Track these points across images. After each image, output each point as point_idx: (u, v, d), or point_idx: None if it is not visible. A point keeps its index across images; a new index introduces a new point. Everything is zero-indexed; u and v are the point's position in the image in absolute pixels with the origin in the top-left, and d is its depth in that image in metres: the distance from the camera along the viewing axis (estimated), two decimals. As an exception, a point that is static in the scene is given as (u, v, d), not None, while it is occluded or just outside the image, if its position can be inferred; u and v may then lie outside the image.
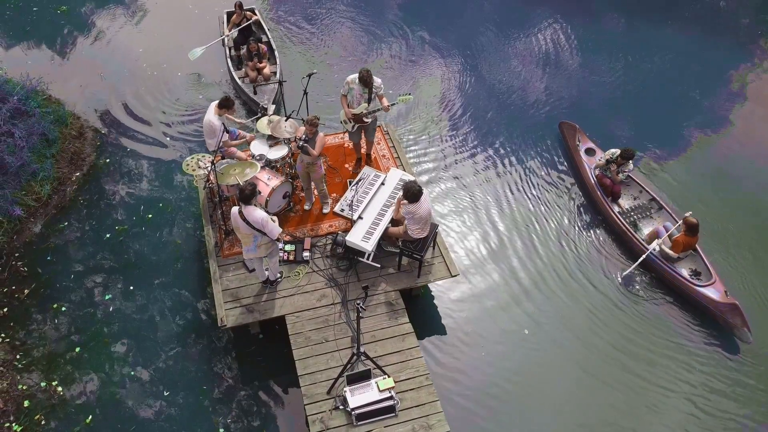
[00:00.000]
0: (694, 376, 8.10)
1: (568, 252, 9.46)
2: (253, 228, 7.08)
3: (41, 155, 10.09)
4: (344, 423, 6.92)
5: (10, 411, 7.63)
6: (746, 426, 7.65)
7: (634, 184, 9.92)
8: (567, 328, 8.57)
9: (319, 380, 7.26)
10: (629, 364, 8.21)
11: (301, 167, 8.34)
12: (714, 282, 8.50)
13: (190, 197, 10.00)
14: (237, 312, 7.79)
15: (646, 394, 7.94)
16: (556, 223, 9.87)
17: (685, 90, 12.30)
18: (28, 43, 12.96)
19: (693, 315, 8.68)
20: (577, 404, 7.87)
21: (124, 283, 8.96)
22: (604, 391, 7.97)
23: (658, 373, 8.13)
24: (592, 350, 8.34)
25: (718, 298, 8.33)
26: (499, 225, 9.83)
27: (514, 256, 9.42)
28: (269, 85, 11.41)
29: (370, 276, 8.20)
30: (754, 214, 9.99)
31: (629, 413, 7.77)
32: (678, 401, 7.88)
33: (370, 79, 8.32)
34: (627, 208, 9.77)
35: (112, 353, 8.23)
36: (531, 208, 10.09)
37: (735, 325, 8.20)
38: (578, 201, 10.20)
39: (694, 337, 8.48)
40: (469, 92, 12.15)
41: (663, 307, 8.81)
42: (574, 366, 8.21)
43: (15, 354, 8.16)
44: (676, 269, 8.73)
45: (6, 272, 8.97)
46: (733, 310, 8.20)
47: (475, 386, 7.99)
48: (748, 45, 13.51)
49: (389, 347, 7.58)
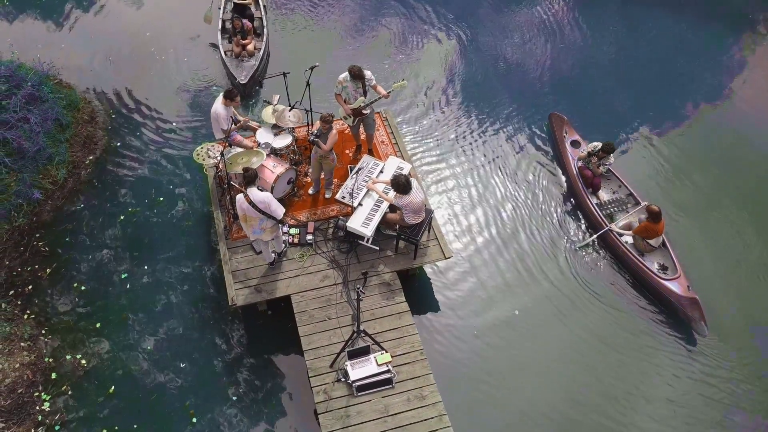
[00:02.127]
0: (655, 360, 8.74)
1: (549, 239, 9.99)
2: (260, 211, 7.63)
3: (56, 140, 10.57)
4: (346, 394, 7.61)
5: (39, 382, 8.32)
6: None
7: (615, 178, 10.33)
8: (549, 310, 9.19)
9: (323, 355, 7.92)
10: (599, 343, 8.88)
11: (314, 157, 8.86)
12: (678, 276, 9.00)
13: (198, 181, 10.52)
14: (246, 292, 8.41)
15: (612, 366, 8.68)
16: (541, 211, 10.36)
17: (682, 70, 12.72)
18: (37, 26, 13.27)
19: (657, 306, 9.22)
20: (557, 375, 8.59)
21: (138, 262, 9.56)
22: (579, 364, 8.69)
23: (623, 351, 8.80)
24: (572, 330, 8.99)
25: (680, 291, 8.84)
26: (489, 211, 10.35)
27: (502, 241, 9.98)
28: (249, 61, 11.99)
29: (369, 258, 8.80)
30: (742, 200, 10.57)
31: (599, 381, 8.56)
32: (637, 375, 8.63)
33: (361, 74, 8.78)
34: (605, 201, 10.17)
35: (130, 328, 8.88)
36: (519, 195, 10.57)
37: (693, 318, 8.72)
38: (561, 190, 10.69)
39: (656, 327, 9.04)
40: (463, 78, 12.54)
41: (630, 295, 9.37)
42: (556, 343, 8.87)
43: (40, 329, 8.81)
44: (646, 263, 9.24)
45: (28, 252, 9.57)
46: (692, 304, 8.72)
47: (465, 360, 8.66)
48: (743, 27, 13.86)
49: (387, 325, 8.22)
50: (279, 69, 9.55)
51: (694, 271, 9.42)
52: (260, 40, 12.38)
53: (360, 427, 7.37)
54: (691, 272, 9.33)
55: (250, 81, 11.65)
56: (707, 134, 11.62)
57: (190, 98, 11.92)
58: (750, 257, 9.81)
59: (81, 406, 8.15)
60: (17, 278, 9.26)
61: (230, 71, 11.76)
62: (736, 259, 9.78)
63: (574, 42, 13.35)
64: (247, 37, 12.11)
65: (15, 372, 8.26)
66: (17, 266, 9.38)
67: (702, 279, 9.39)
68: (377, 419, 7.44)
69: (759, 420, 8.23)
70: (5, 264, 9.34)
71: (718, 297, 9.29)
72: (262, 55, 12.06)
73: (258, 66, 11.85)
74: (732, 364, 8.69)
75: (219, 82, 12.07)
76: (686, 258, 9.54)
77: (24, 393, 8.14)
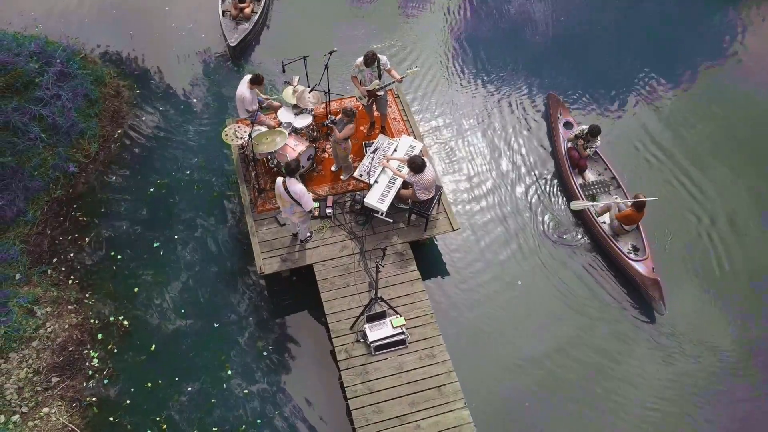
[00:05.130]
0: (620, 327, 9.65)
1: (540, 216, 10.75)
2: (292, 198, 8.41)
3: (86, 115, 11.21)
4: (364, 353, 8.54)
5: (87, 341, 9.23)
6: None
7: (602, 161, 10.95)
8: (541, 282, 10.08)
9: (343, 318, 8.82)
10: (571, 310, 9.79)
11: (332, 140, 9.59)
12: (646, 258, 9.73)
13: (222, 154, 11.21)
14: (272, 261, 9.25)
15: (586, 328, 9.62)
16: (533, 190, 11.07)
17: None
18: (58, 2, 13.67)
19: (626, 284, 9.99)
20: (545, 333, 9.55)
21: (168, 231, 10.35)
22: (562, 323, 9.65)
23: (594, 321, 9.71)
24: (560, 299, 9.89)
25: (644, 272, 9.60)
26: (492, 185, 11.12)
27: (503, 214, 10.77)
28: (243, 24, 12.69)
29: (383, 230, 9.61)
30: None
31: (580, 338, 9.51)
32: (609, 337, 9.56)
33: (375, 59, 9.44)
34: (590, 181, 10.77)
35: (165, 293, 9.74)
36: (519, 173, 11.30)
37: (654, 297, 9.51)
38: (551, 170, 11.37)
39: (624, 303, 9.85)
40: (470, 57, 13.13)
41: (602, 273, 10.16)
42: (545, 309, 9.78)
43: (84, 293, 9.68)
44: (618, 244, 9.95)
45: (68, 222, 10.35)
46: (654, 284, 9.42)
47: (469, 323, 9.57)
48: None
49: (400, 291, 9.10)
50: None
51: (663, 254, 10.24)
52: (259, 5, 13.00)
53: (378, 382, 8.33)
54: (660, 255, 10.14)
55: (240, 44, 12.32)
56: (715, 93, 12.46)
57: (211, 71, 12.49)
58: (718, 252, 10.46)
59: (126, 362, 9.08)
60: (59, 246, 10.08)
61: (223, 32, 12.43)
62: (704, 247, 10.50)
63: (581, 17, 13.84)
64: (245, 1, 12.69)
65: (65, 332, 9.18)
66: (58, 235, 10.19)
67: (668, 261, 10.16)
68: (393, 375, 8.40)
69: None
70: (48, 233, 10.14)
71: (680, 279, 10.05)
72: (257, 20, 12.68)
73: (250, 30, 12.51)
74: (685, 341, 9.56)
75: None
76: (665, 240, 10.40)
77: (74, 351, 9.07)
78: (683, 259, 10.28)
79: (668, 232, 10.54)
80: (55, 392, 8.66)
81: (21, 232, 9.93)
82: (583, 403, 8.90)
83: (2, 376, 8.62)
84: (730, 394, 9.01)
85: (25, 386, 8.60)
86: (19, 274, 9.53)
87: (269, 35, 13.33)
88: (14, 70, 10.52)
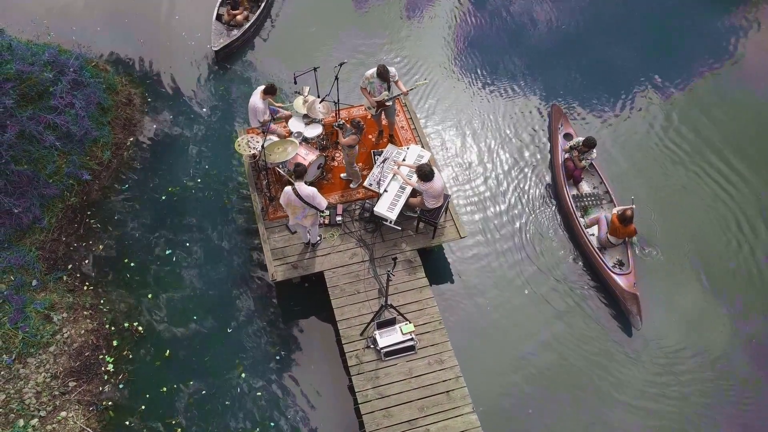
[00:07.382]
0: (593, 334, 9.85)
1: (546, 224, 10.96)
2: (305, 202, 8.61)
3: (99, 123, 11.40)
4: (374, 359, 8.75)
5: (102, 346, 9.44)
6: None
7: (597, 175, 11.08)
8: (548, 290, 10.29)
9: (354, 325, 9.03)
10: (578, 318, 10.05)
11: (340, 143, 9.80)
12: (629, 273, 9.92)
13: (232, 162, 11.42)
14: (284, 268, 9.46)
15: (590, 338, 9.83)
16: (539, 200, 11.26)
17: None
18: (71, 8, 13.87)
19: (608, 297, 10.16)
20: (551, 340, 9.76)
21: (181, 238, 10.55)
22: (569, 331, 9.86)
23: (604, 331, 9.90)
24: (566, 307, 10.10)
25: (625, 287, 9.76)
26: (498, 194, 11.33)
27: (510, 223, 10.98)
28: (233, 31, 13.02)
29: (392, 237, 9.82)
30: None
31: (582, 346, 9.72)
32: (606, 347, 9.75)
33: (386, 73, 9.73)
34: (584, 193, 10.89)
35: (179, 299, 9.94)
36: (523, 182, 11.51)
37: (631, 311, 9.66)
38: (549, 179, 11.55)
39: (603, 314, 10.05)
40: (475, 66, 13.34)
41: (590, 285, 10.37)
42: (551, 317, 10.00)
43: (99, 299, 9.87)
44: (604, 257, 10.10)
45: (82, 228, 10.56)
46: (632, 299, 9.63)
47: (477, 328, 9.78)
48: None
49: (409, 298, 9.31)
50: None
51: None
52: (254, 14, 13.25)
53: (388, 387, 8.55)
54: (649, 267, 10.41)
55: (223, 49, 12.62)
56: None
57: (220, 80, 12.69)
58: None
59: (141, 367, 9.29)
60: (74, 252, 10.28)
61: (210, 35, 12.73)
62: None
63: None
64: (238, 8, 12.99)
65: (81, 337, 9.39)
66: (73, 242, 10.39)
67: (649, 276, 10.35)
68: (402, 380, 8.61)
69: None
70: (62, 240, 10.34)
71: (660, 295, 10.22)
72: (248, 27, 12.96)
73: (239, 36, 12.79)
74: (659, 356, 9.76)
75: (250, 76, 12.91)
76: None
77: (90, 356, 9.28)
78: (668, 272, 10.46)
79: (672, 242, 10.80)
80: (72, 396, 8.87)
81: (37, 238, 10.13)
82: (587, 409, 9.13)
83: (21, 381, 8.83)
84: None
85: (43, 390, 8.81)
86: (36, 280, 9.73)
87: (262, 45, 13.45)
88: (29, 79, 10.71)
